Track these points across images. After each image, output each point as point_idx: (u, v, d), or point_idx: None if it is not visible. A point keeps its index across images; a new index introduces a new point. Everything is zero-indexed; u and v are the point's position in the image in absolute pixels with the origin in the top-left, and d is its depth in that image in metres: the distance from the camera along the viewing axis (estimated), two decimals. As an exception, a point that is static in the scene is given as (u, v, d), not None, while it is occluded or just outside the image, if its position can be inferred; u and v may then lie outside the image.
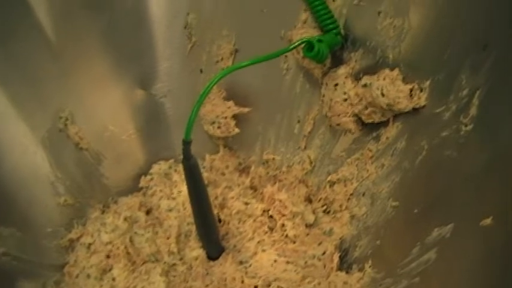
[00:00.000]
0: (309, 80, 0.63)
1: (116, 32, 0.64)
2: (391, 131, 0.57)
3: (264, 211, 0.63)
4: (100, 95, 0.65)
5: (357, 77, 0.59)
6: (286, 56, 0.63)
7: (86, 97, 0.65)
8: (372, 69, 0.58)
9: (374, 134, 0.59)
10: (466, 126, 0.50)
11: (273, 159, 0.68)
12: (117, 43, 0.64)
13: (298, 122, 0.65)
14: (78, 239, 0.64)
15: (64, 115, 0.64)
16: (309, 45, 0.55)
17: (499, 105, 0.48)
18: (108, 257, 0.62)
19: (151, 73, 0.67)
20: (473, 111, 0.50)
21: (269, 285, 0.58)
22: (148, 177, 0.68)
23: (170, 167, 0.68)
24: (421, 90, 0.54)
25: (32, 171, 0.62)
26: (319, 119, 0.63)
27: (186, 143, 0.50)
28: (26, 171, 0.62)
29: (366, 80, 0.57)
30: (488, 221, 0.45)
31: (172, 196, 0.64)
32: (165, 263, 0.61)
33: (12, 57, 0.60)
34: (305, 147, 0.66)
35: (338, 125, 0.60)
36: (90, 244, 0.63)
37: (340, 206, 0.62)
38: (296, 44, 0.54)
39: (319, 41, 0.56)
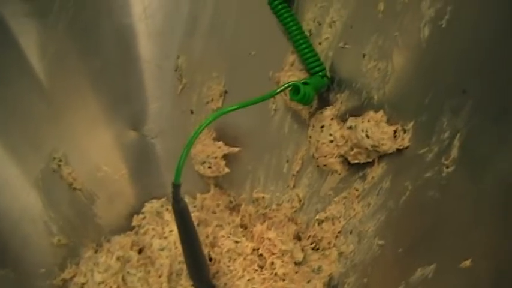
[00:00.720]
0: (297, 121, 0.64)
1: (107, 75, 0.65)
2: (376, 171, 0.59)
3: (253, 249, 0.64)
4: (93, 136, 0.67)
5: (342, 118, 0.60)
6: (274, 98, 0.65)
7: (79, 138, 0.66)
8: (358, 111, 0.59)
9: (360, 174, 0.61)
10: (447, 168, 0.51)
11: (263, 197, 0.69)
12: (109, 86, 0.66)
13: (287, 161, 0.67)
14: (71, 278, 0.65)
15: (57, 156, 0.65)
16: (295, 89, 0.56)
17: (479, 149, 0.49)
18: (101, 296, 0.63)
19: (143, 114, 0.68)
20: (454, 153, 0.51)
21: (259, 323, 0.59)
22: (141, 216, 0.69)
23: (162, 206, 0.69)
24: (405, 132, 0.56)
25: (26, 212, 0.63)
26: (307, 158, 0.65)
27: (176, 186, 0.51)
28: (19, 212, 0.63)
29: (351, 122, 0.58)
30: (467, 263, 0.47)
31: (164, 235, 0.66)
32: (156, 302, 0.62)
33: (4, 101, 0.61)
34: (294, 186, 0.67)
35: (325, 165, 0.61)
36: (83, 284, 0.64)
37: (329, 243, 0.64)
38: (282, 88, 0.56)
39: (305, 83, 0.57)
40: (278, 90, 0.55)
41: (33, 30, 0.61)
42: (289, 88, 0.57)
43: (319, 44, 0.61)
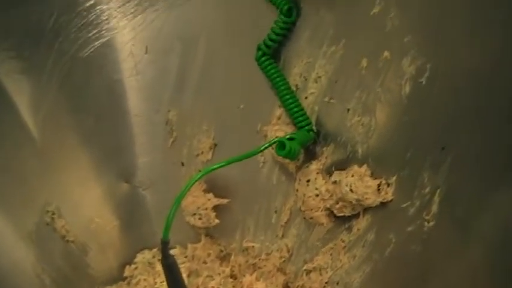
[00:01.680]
0: (284, 173, 0.66)
1: (99, 130, 0.67)
2: (361, 223, 0.60)
3: (243, 300, 0.65)
4: (85, 189, 0.68)
5: (328, 171, 0.62)
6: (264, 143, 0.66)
7: (71, 192, 0.67)
8: (343, 164, 0.61)
9: (346, 226, 0.62)
10: (428, 222, 0.53)
11: (253, 247, 0.70)
12: (101, 140, 0.67)
13: (276, 212, 0.68)
14: (64, 330, 0.66)
15: (51, 209, 0.66)
16: (280, 144, 0.58)
17: (458, 206, 0.51)
18: None
19: (134, 167, 0.70)
20: (434, 208, 0.52)
21: None
22: (133, 266, 0.71)
23: (154, 257, 0.71)
24: (388, 185, 0.57)
25: (18, 264, 0.64)
26: (295, 209, 0.66)
27: (164, 243, 0.52)
28: (11, 265, 0.64)
29: (335, 176, 0.60)
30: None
31: (156, 286, 0.67)
32: None
33: (-3, 155, 0.63)
34: (282, 236, 0.68)
35: (311, 218, 0.63)
36: (75, 335, 0.65)
37: (317, 293, 0.65)
38: (268, 144, 0.57)
39: (291, 139, 0.59)
40: (264, 147, 0.57)
41: (28, 88, 0.63)
42: (275, 143, 0.58)
43: (306, 98, 0.63)
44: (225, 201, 0.68)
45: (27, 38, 0.63)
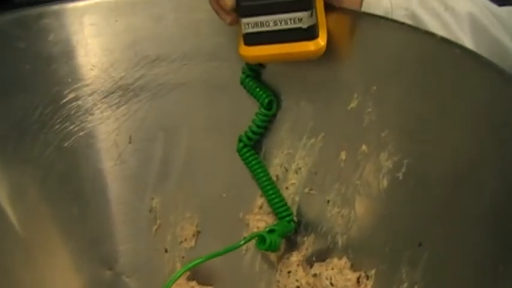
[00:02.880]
0: (267, 261, 0.66)
1: (83, 219, 0.67)
2: (342, 315, 0.61)
3: None
4: (69, 278, 0.68)
5: (309, 262, 0.62)
6: (245, 237, 0.66)
7: (55, 281, 0.67)
8: (323, 255, 0.61)
9: (328, 316, 0.62)
10: (406, 319, 0.53)
11: (237, 332, 0.70)
12: (85, 229, 0.68)
13: (259, 298, 0.68)
14: None
15: (34, 301, 0.66)
16: (261, 239, 0.59)
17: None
18: None
19: (117, 253, 0.70)
20: (413, 305, 0.53)
21: None
22: None
23: None
24: (368, 278, 0.58)
25: None
26: (278, 297, 0.67)
27: None
28: None
29: (316, 269, 0.60)
30: None
31: None
32: None
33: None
34: (266, 321, 0.69)
35: (292, 310, 0.63)
36: None
37: None
38: (248, 238, 0.58)
39: (271, 231, 0.60)
40: (243, 242, 0.58)
41: (11, 181, 0.64)
42: (256, 237, 0.59)
43: (286, 188, 0.64)
44: (209, 289, 0.69)
45: (12, 131, 0.64)
